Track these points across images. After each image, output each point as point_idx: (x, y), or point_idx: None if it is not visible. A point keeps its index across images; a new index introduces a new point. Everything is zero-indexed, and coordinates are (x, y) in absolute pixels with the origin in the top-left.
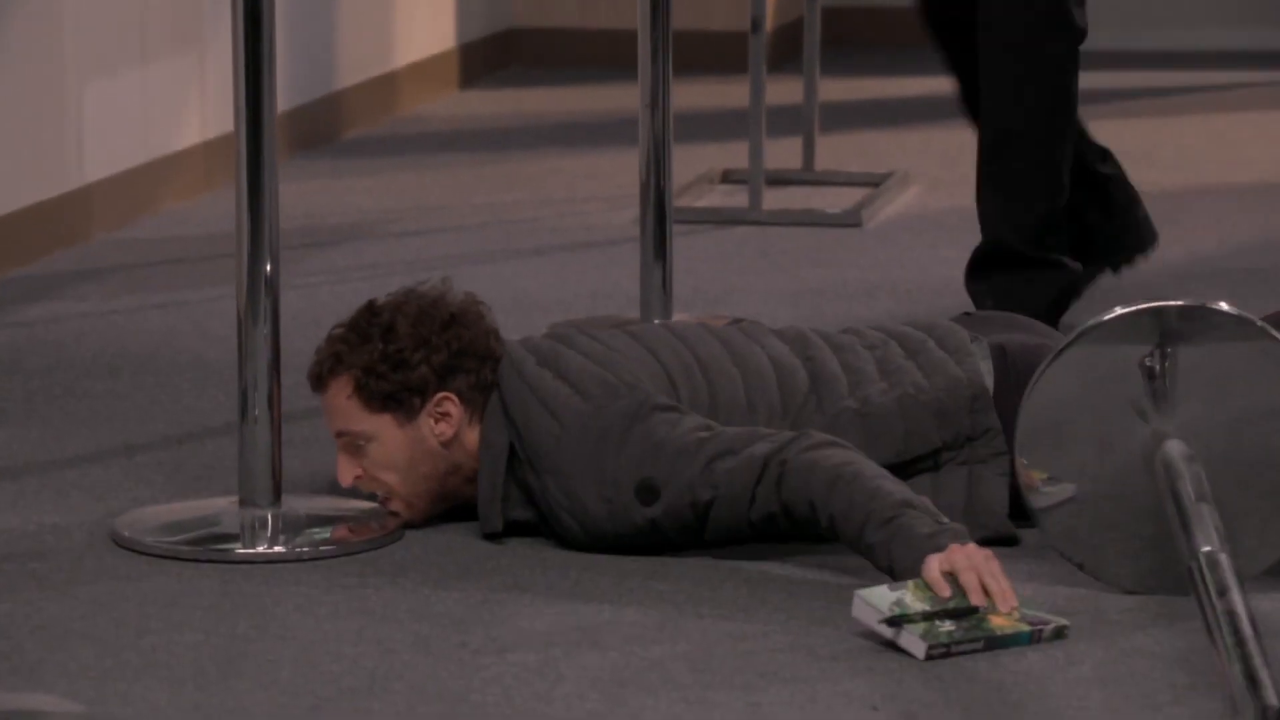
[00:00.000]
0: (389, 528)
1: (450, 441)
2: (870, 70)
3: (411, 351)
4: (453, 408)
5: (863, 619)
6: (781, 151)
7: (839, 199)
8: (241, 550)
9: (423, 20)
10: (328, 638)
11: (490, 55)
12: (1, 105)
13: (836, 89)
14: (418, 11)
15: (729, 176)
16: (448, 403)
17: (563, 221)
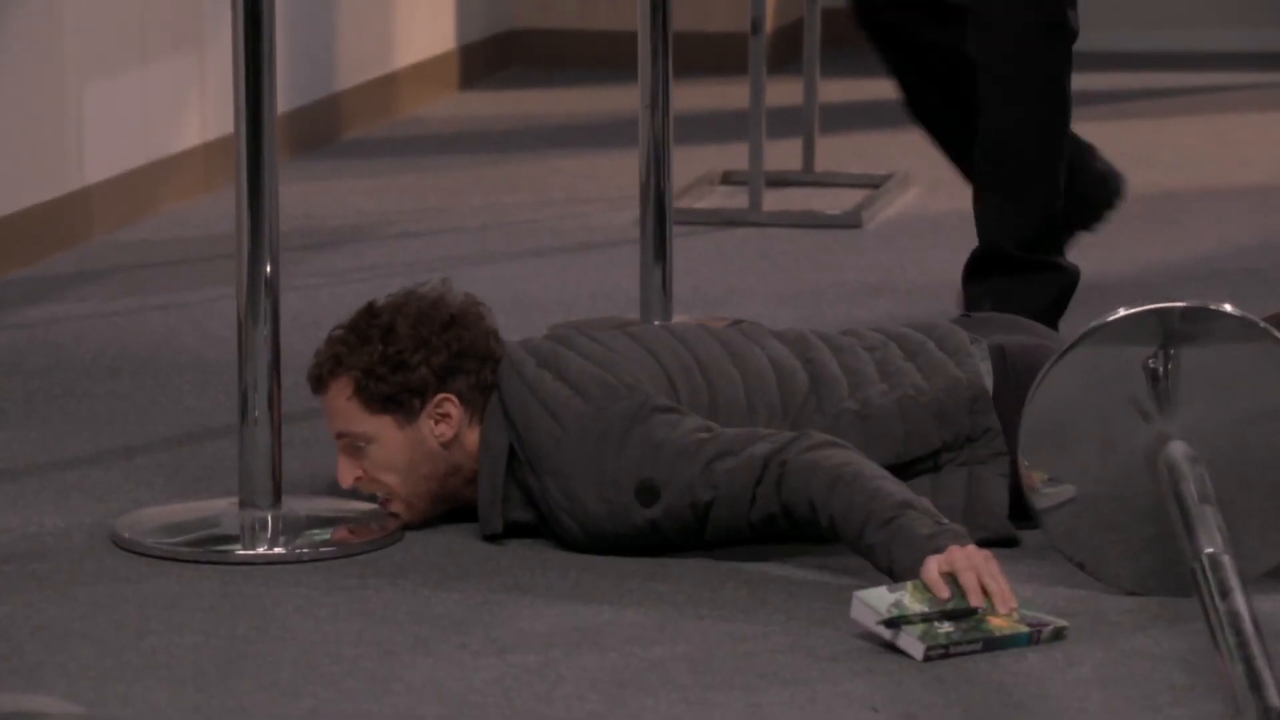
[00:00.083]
0: (389, 529)
1: (450, 443)
2: (870, 71)
3: (411, 353)
4: (453, 409)
5: (861, 620)
6: (781, 153)
7: (839, 200)
8: (241, 552)
9: (423, 21)
10: (328, 639)
11: (490, 56)
12: (1, 105)
13: (836, 90)
14: (418, 12)
15: (729, 178)
16: (448, 404)
17: (563, 223)
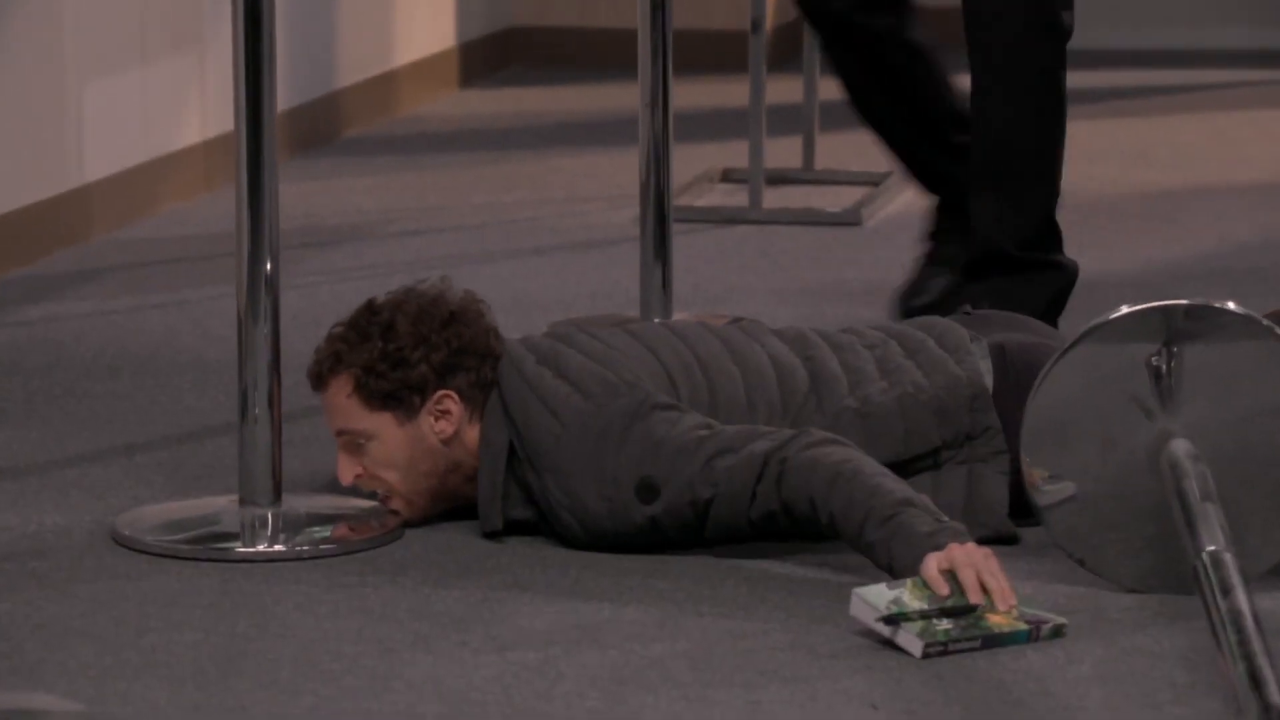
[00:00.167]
0: (389, 526)
1: (451, 439)
2: None
3: (411, 350)
4: (453, 405)
5: (860, 617)
6: (781, 151)
7: (839, 198)
8: (241, 549)
9: (423, 20)
10: (328, 636)
11: (490, 55)
12: (1, 105)
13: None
14: (418, 11)
15: (729, 176)
16: (448, 400)
17: (563, 221)
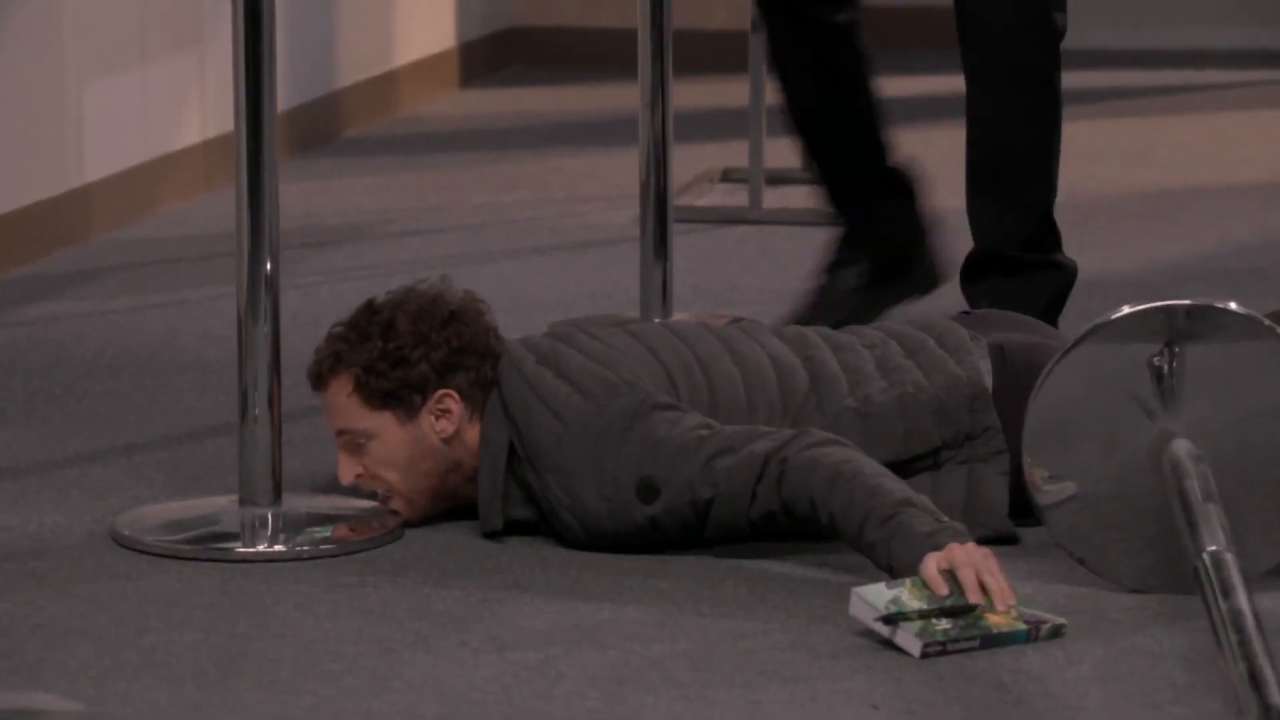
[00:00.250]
0: (389, 526)
1: (451, 439)
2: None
3: (411, 349)
4: (453, 405)
5: (860, 617)
6: (781, 150)
7: None
8: (241, 549)
9: (423, 20)
10: (328, 636)
11: (490, 55)
12: (1, 105)
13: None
14: (418, 11)
15: (729, 175)
16: (448, 400)
17: (563, 221)
